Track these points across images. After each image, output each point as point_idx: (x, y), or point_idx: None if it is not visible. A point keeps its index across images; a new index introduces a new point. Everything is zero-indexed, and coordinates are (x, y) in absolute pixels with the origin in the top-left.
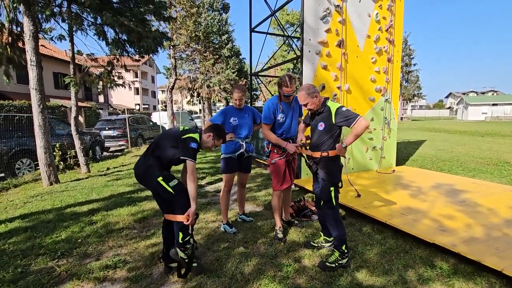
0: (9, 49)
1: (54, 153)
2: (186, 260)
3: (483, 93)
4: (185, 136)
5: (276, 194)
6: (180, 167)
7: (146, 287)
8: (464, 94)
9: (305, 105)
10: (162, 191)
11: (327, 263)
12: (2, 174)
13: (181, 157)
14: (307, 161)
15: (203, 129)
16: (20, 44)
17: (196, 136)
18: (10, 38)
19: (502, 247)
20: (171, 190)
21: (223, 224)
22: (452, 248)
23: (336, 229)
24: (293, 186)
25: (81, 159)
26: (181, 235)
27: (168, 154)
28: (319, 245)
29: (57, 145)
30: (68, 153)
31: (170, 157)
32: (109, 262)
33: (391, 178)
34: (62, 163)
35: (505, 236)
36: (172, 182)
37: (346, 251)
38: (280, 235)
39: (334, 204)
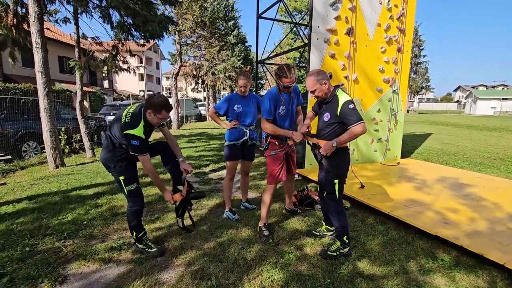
0: (14, 31)
1: (60, 137)
2: (146, 249)
3: (493, 87)
4: (125, 133)
5: (270, 189)
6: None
7: (150, 269)
8: (473, 87)
9: (313, 92)
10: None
11: (328, 252)
12: (9, 156)
13: (131, 153)
14: (313, 149)
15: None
16: (25, 26)
17: (135, 132)
18: (15, 20)
19: (505, 242)
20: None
21: (226, 211)
22: (455, 240)
23: (338, 221)
24: (296, 176)
25: (86, 143)
26: (134, 233)
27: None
28: (320, 234)
29: (63, 129)
30: (74, 137)
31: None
32: (114, 244)
33: (396, 170)
34: (67, 147)
35: (509, 231)
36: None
37: (347, 241)
38: (266, 233)
39: (337, 196)
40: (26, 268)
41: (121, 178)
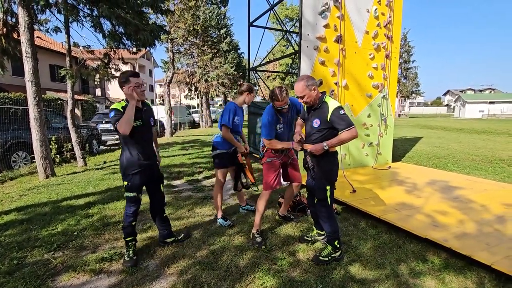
0: (3, 40)
1: (51, 146)
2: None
3: (480, 91)
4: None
5: (265, 196)
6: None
7: (142, 279)
8: (462, 91)
9: (301, 97)
10: None
11: (320, 257)
12: None
13: (113, 129)
14: (305, 156)
15: None
16: (15, 35)
17: (114, 105)
18: (4, 29)
19: (492, 243)
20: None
21: (218, 219)
22: (444, 243)
23: (329, 226)
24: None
25: (78, 152)
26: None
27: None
28: (312, 239)
29: (53, 138)
30: (65, 146)
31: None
32: (105, 254)
33: (387, 174)
34: (58, 156)
35: (496, 232)
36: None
37: (338, 245)
38: (259, 239)
39: (329, 202)
40: (13, 281)
41: (125, 183)
